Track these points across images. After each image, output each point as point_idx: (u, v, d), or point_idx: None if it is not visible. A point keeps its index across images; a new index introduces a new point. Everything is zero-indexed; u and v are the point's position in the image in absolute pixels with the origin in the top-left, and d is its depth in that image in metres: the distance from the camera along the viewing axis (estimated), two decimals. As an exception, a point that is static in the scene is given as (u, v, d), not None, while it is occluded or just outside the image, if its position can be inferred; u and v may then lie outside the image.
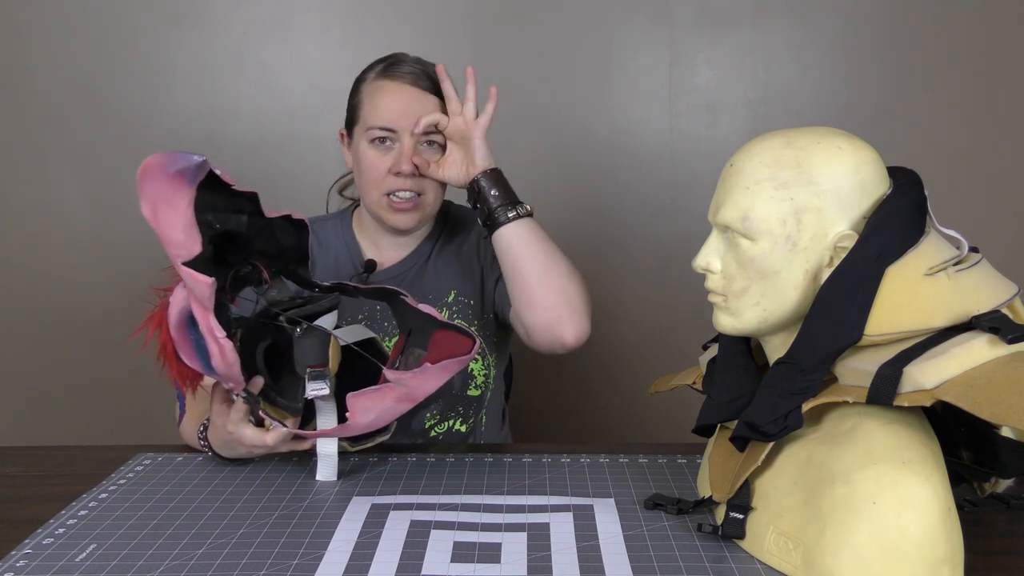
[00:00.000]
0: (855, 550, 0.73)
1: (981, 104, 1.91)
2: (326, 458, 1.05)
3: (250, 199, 0.97)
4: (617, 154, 1.95)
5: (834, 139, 0.82)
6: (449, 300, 1.31)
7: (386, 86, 1.23)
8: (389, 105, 1.22)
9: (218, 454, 1.08)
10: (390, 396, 0.95)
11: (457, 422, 1.30)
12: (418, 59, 1.27)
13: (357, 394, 0.94)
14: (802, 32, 1.91)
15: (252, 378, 1.02)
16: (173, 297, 0.97)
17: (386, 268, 1.32)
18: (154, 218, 0.90)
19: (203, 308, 0.93)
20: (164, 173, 0.88)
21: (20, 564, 0.83)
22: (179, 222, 0.89)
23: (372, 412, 0.96)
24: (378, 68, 1.26)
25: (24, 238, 1.99)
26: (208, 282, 0.90)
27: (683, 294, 1.93)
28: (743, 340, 0.93)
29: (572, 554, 0.84)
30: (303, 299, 1.07)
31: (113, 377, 1.98)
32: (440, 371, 0.95)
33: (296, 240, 1.04)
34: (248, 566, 0.82)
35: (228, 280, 1.00)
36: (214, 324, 0.93)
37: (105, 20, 1.92)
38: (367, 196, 1.26)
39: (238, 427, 1.01)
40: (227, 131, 1.95)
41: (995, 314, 0.76)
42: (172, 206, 0.88)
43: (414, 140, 1.22)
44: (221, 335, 0.93)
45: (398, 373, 0.94)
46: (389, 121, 1.21)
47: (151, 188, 0.89)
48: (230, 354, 0.94)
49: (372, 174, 1.23)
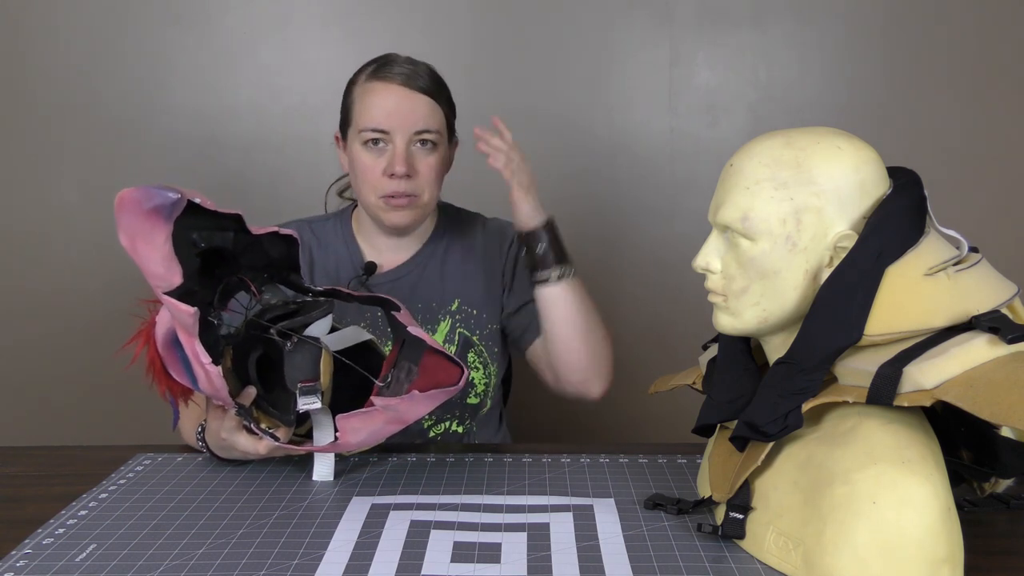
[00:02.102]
0: (855, 550, 0.73)
1: (981, 104, 1.91)
2: (323, 458, 1.05)
3: (234, 219, 0.96)
4: (617, 154, 1.95)
5: (834, 139, 0.82)
6: (453, 309, 1.31)
7: (376, 87, 1.22)
8: (380, 106, 1.21)
9: (216, 456, 1.09)
10: (379, 419, 0.97)
11: (454, 423, 1.30)
12: (409, 59, 1.26)
13: (347, 416, 0.96)
14: (802, 32, 1.91)
15: (244, 389, 1.02)
16: (160, 316, 0.97)
17: (385, 271, 1.31)
18: (132, 250, 0.89)
19: (188, 334, 0.93)
20: (140, 208, 0.87)
21: (20, 564, 0.83)
22: (157, 256, 0.88)
23: (362, 433, 0.98)
24: (369, 70, 1.25)
25: (24, 238, 1.99)
26: (191, 312, 0.90)
27: (683, 294, 1.93)
28: (743, 340, 0.93)
29: (572, 554, 0.84)
30: (296, 304, 1.06)
31: (113, 377, 1.97)
32: (427, 399, 0.96)
33: (286, 251, 1.04)
34: (248, 566, 0.82)
35: (217, 295, 1.00)
36: (199, 350, 0.93)
37: (105, 20, 1.92)
38: (364, 198, 1.25)
39: (231, 435, 1.02)
40: (227, 131, 1.95)
41: (995, 314, 0.76)
42: (149, 241, 0.88)
43: (407, 141, 1.21)
44: (207, 361, 0.93)
45: (386, 400, 0.95)
46: (380, 122, 1.20)
47: (127, 221, 0.88)
48: (216, 379, 0.94)
49: (367, 176, 1.22)
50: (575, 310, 1.22)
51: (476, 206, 1.43)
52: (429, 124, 1.22)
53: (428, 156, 1.23)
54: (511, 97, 1.92)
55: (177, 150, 1.94)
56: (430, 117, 1.22)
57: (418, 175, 1.22)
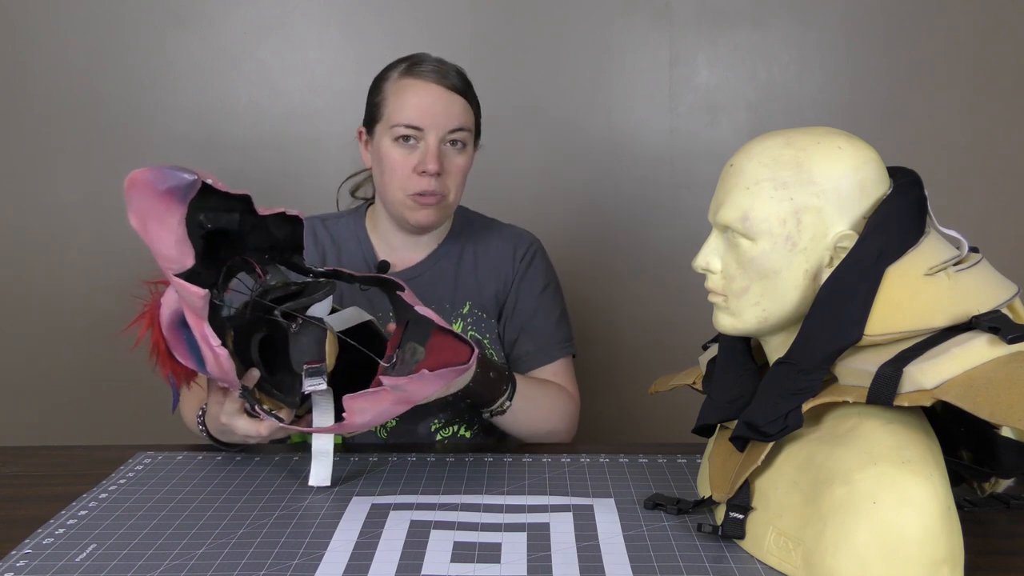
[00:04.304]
0: (855, 550, 0.73)
1: (981, 104, 1.91)
2: (321, 456, 1.03)
3: (242, 199, 0.96)
4: (617, 154, 1.95)
5: (834, 139, 0.82)
6: (464, 312, 1.31)
7: (412, 84, 1.21)
8: (414, 103, 1.20)
9: (216, 440, 1.09)
10: (387, 399, 0.95)
11: (462, 428, 1.30)
12: (440, 59, 1.26)
13: (354, 396, 0.94)
14: (802, 32, 1.91)
15: (247, 371, 1.02)
16: (165, 298, 0.96)
17: (399, 271, 1.31)
18: (143, 231, 0.88)
19: (197, 316, 0.92)
20: (153, 190, 0.86)
21: (20, 564, 0.83)
22: (170, 238, 0.87)
23: (369, 413, 0.96)
24: (401, 67, 1.24)
25: (24, 238, 1.99)
26: (202, 294, 0.89)
27: (683, 294, 1.93)
28: (743, 340, 0.93)
29: (572, 554, 0.84)
30: (298, 285, 1.06)
31: (113, 377, 1.98)
32: (437, 379, 0.94)
33: (291, 232, 1.03)
34: (248, 566, 0.82)
35: (221, 277, 0.99)
36: (208, 332, 0.92)
37: (104, 20, 1.92)
38: (390, 195, 1.25)
39: (231, 418, 1.02)
40: (227, 131, 1.95)
41: (995, 314, 0.76)
42: (162, 222, 0.87)
43: (439, 139, 1.21)
44: (216, 343, 0.92)
45: (395, 379, 0.93)
46: (414, 119, 1.20)
47: (139, 202, 0.87)
48: (225, 362, 0.93)
49: (397, 173, 1.22)
50: (532, 406, 1.21)
51: (485, 207, 1.43)
52: (462, 123, 1.22)
53: (458, 156, 1.23)
54: (511, 97, 1.92)
55: (177, 150, 1.94)
56: (463, 116, 1.22)
57: (447, 174, 1.22)
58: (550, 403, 1.24)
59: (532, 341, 1.31)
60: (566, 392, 1.29)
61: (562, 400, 1.27)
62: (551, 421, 1.24)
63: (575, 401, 1.30)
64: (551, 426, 1.24)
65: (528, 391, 1.20)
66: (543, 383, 1.26)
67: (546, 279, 1.35)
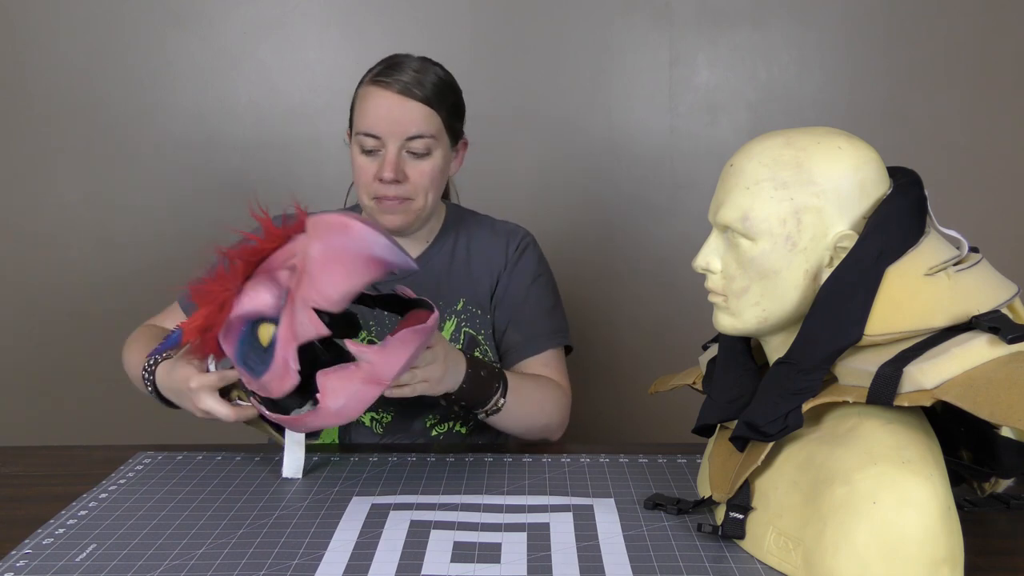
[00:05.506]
0: (855, 550, 0.73)
1: (981, 104, 1.91)
2: (294, 447, 1.05)
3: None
4: (617, 154, 1.95)
5: (834, 139, 0.82)
6: (458, 308, 1.31)
7: (372, 92, 1.22)
8: (373, 111, 1.21)
9: (159, 395, 1.11)
10: (357, 377, 0.93)
11: (457, 424, 1.30)
12: (420, 61, 1.24)
13: (326, 372, 0.93)
14: (802, 32, 1.91)
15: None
16: (248, 298, 0.96)
17: None
18: (321, 266, 0.90)
19: (293, 338, 0.92)
20: (365, 248, 0.89)
21: (20, 564, 0.83)
22: (344, 289, 0.90)
23: (341, 396, 0.93)
24: (375, 71, 1.24)
25: (24, 238, 1.99)
26: (324, 333, 0.91)
27: (683, 294, 1.93)
28: (743, 340, 0.93)
29: (572, 554, 0.84)
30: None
31: (113, 377, 1.97)
32: (400, 344, 0.93)
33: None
34: (248, 566, 0.82)
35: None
36: (292, 356, 0.92)
37: (104, 20, 1.92)
38: (361, 199, 1.27)
39: (201, 396, 1.03)
40: (227, 131, 1.95)
41: (995, 314, 0.77)
42: (349, 276, 0.89)
43: (398, 147, 1.21)
44: (295, 367, 0.93)
45: (359, 347, 0.93)
46: (372, 127, 1.21)
47: (340, 244, 0.89)
48: (289, 385, 0.94)
49: (361, 178, 1.24)
50: (525, 401, 1.21)
51: (485, 207, 1.43)
52: (421, 130, 1.21)
53: (420, 162, 1.23)
54: (511, 97, 1.92)
55: (177, 150, 1.94)
56: (422, 123, 1.21)
57: (408, 180, 1.22)
58: (542, 396, 1.25)
59: (520, 331, 1.31)
60: (556, 384, 1.28)
61: (553, 393, 1.27)
62: (544, 414, 1.24)
63: (566, 393, 1.30)
64: (545, 420, 1.24)
65: (519, 386, 1.20)
66: (533, 377, 1.26)
67: (537, 270, 1.35)
